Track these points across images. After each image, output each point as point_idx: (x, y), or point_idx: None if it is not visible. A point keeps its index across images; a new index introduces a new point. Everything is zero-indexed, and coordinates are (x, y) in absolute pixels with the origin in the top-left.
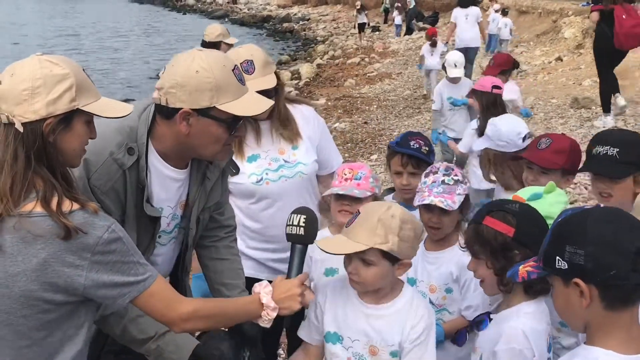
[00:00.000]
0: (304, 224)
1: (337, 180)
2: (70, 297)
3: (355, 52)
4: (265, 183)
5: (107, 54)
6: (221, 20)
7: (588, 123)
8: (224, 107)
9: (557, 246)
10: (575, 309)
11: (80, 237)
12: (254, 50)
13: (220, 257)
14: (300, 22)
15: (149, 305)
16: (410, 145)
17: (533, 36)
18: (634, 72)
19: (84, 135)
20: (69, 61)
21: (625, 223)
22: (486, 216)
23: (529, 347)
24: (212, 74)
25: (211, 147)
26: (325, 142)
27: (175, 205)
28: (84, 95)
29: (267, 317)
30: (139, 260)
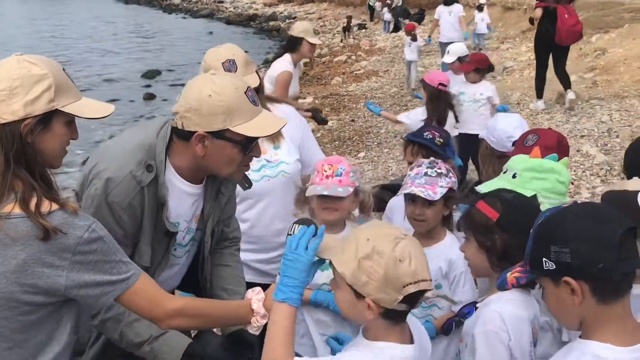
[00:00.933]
0: None
1: (317, 177)
2: (51, 298)
3: (342, 50)
4: None
5: (92, 54)
6: (207, 19)
7: (574, 118)
8: (237, 129)
9: (541, 248)
10: (568, 307)
11: (59, 237)
12: (235, 50)
13: (224, 263)
14: (286, 21)
15: (134, 302)
16: (424, 136)
17: (519, 32)
18: (619, 67)
19: (64, 136)
20: (49, 61)
21: (604, 215)
22: (480, 200)
23: (504, 329)
24: (224, 97)
25: (226, 168)
26: (307, 141)
27: (191, 219)
28: (63, 96)
29: (257, 324)
30: (122, 258)
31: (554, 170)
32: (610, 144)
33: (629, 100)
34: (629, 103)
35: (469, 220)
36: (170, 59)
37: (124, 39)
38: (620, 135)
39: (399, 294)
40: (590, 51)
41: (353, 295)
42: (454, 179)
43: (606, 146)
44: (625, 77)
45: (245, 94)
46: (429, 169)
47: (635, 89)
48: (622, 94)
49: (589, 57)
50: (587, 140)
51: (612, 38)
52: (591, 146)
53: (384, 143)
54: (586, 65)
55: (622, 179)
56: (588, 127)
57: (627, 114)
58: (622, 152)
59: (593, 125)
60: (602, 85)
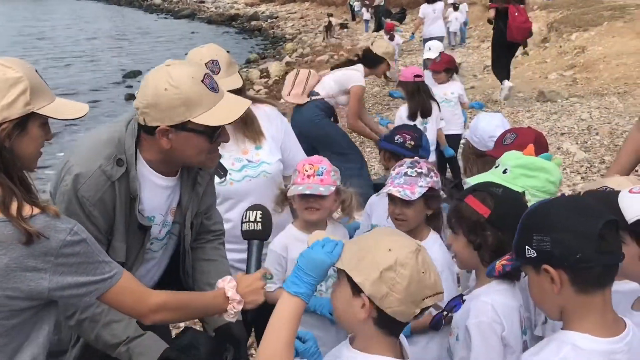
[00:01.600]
0: (261, 219)
1: (299, 177)
2: (33, 301)
3: (324, 49)
4: (229, 183)
5: (73, 55)
6: (188, 19)
7: (554, 116)
8: (198, 120)
9: (525, 236)
10: (548, 295)
11: (42, 241)
12: (218, 51)
13: (207, 257)
14: (268, 20)
15: (118, 300)
16: (394, 140)
17: None
18: (598, 65)
19: (40, 138)
20: (22, 63)
21: (587, 208)
22: (469, 194)
23: (498, 320)
24: (180, 89)
25: (196, 157)
26: (289, 141)
27: (166, 212)
28: (38, 98)
29: (233, 310)
30: (104, 259)
31: (545, 170)
32: (590, 142)
33: (609, 97)
34: (609, 100)
35: (458, 215)
36: (151, 59)
37: (105, 39)
38: (600, 133)
39: (417, 307)
40: (570, 49)
41: (350, 290)
42: (436, 179)
43: (586, 143)
44: (604, 74)
45: (203, 82)
46: (409, 169)
47: (614, 87)
48: (601, 92)
49: (569, 55)
50: (567, 138)
51: (592, 36)
52: (571, 144)
53: (366, 142)
54: (566, 63)
55: (601, 176)
56: (568, 125)
57: (606, 112)
58: (602, 149)
59: (573, 123)
60: (582, 83)
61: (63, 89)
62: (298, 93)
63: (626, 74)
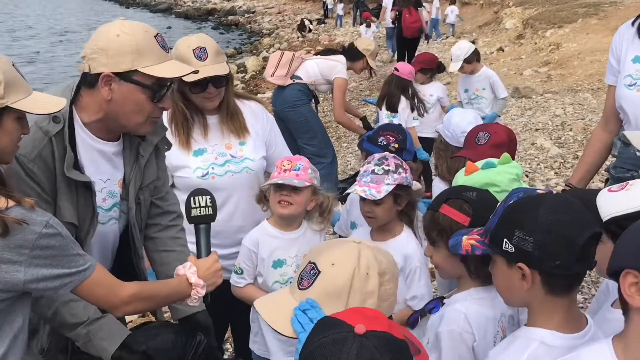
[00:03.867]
0: (211, 203)
1: (276, 171)
2: (7, 293)
3: (302, 44)
4: (211, 177)
5: (47, 49)
6: (165, 13)
7: (529, 112)
8: (146, 70)
9: (506, 229)
10: (515, 290)
11: (17, 233)
12: (206, 39)
13: (167, 248)
14: (245, 15)
15: (91, 292)
16: (378, 142)
17: (475, 27)
18: (572, 61)
19: (15, 132)
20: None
21: (576, 215)
22: (443, 204)
23: (469, 330)
24: (133, 37)
25: (134, 117)
26: (274, 139)
27: (110, 180)
28: (13, 92)
29: (197, 295)
30: (79, 252)
31: (492, 183)
32: (564, 137)
33: (582, 94)
34: (582, 97)
35: (436, 227)
36: None
37: (79, 33)
38: (574, 129)
39: None
40: (545, 46)
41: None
42: (405, 175)
43: (560, 139)
44: (578, 71)
45: (155, 38)
46: (377, 166)
47: (588, 83)
48: (575, 88)
49: (544, 51)
50: (541, 134)
51: (566, 33)
52: (545, 139)
53: (342, 137)
54: (541, 59)
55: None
56: (542, 121)
57: (580, 108)
58: (576, 145)
59: (547, 119)
60: (556, 79)
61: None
62: (282, 74)
63: (600, 70)
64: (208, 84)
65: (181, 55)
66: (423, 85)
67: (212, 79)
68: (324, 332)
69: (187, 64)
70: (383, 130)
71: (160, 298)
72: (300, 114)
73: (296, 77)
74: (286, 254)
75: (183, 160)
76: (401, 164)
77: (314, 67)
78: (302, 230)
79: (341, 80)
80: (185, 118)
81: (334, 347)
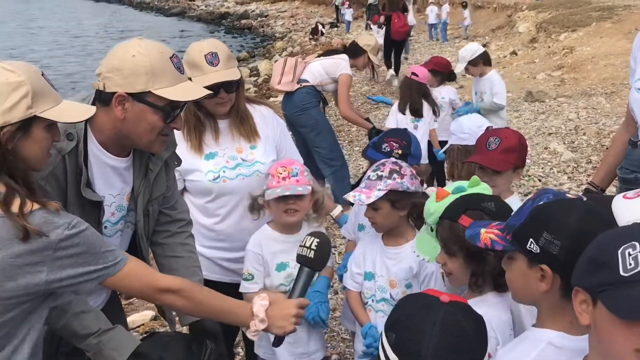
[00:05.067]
0: (315, 247)
1: (274, 180)
2: (30, 296)
3: (314, 48)
4: (223, 181)
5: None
6: (178, 17)
7: (542, 116)
8: (159, 92)
9: (534, 228)
10: (530, 289)
11: (40, 237)
12: (217, 44)
13: (175, 254)
14: (258, 19)
15: (124, 284)
16: (382, 149)
17: (488, 31)
18: (586, 65)
19: (45, 140)
20: (27, 67)
21: (604, 224)
22: (462, 214)
23: (493, 335)
24: (148, 58)
25: (146, 136)
26: (284, 143)
27: (120, 195)
28: (41, 102)
29: (254, 327)
30: (107, 248)
31: None
32: (577, 142)
33: (596, 98)
34: (596, 101)
35: (456, 239)
36: None
37: (94, 37)
38: (587, 133)
39: None
40: (558, 49)
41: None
42: (400, 180)
43: (573, 143)
44: (592, 75)
45: (171, 60)
46: (372, 172)
47: (602, 87)
48: (589, 92)
49: (557, 55)
50: (554, 138)
51: (580, 36)
52: (558, 143)
53: (355, 141)
54: (554, 63)
55: (588, 176)
56: (555, 125)
57: (594, 112)
58: (589, 149)
59: (560, 123)
60: (570, 83)
61: None
62: (288, 81)
63: (614, 74)
64: (219, 89)
65: (193, 60)
66: (435, 88)
67: (224, 84)
68: (413, 300)
69: (199, 69)
70: (387, 137)
71: (208, 307)
72: (310, 117)
73: (303, 81)
74: (289, 257)
75: (194, 164)
76: (398, 169)
77: (319, 67)
78: (304, 232)
79: (346, 76)
80: (196, 122)
81: (423, 312)
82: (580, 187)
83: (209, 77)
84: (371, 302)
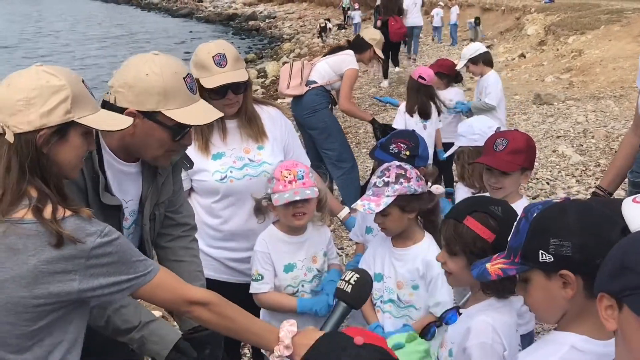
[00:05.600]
0: (354, 282)
1: (280, 184)
2: (62, 303)
3: (322, 50)
4: (230, 181)
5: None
6: (186, 18)
7: (550, 119)
8: (169, 114)
9: (539, 240)
10: (557, 301)
11: (72, 243)
12: (226, 45)
13: (177, 258)
14: (266, 20)
15: (154, 295)
16: (389, 149)
17: (497, 33)
18: (594, 68)
19: (80, 147)
20: (68, 72)
21: (602, 213)
22: (468, 216)
23: (499, 341)
24: (161, 78)
25: (152, 151)
26: (292, 144)
27: (132, 200)
28: (80, 107)
29: (279, 352)
30: (139, 257)
31: None
32: (586, 145)
33: (605, 101)
34: (605, 104)
35: (459, 239)
36: None
37: (102, 38)
38: (596, 136)
39: None
40: (567, 52)
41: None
42: (407, 184)
43: (582, 147)
44: (600, 78)
45: (184, 80)
46: (378, 179)
47: (610, 90)
48: (597, 95)
49: (566, 58)
50: (563, 141)
51: (589, 39)
52: (567, 147)
53: (362, 143)
54: (563, 66)
55: (597, 180)
56: (564, 128)
57: (602, 115)
58: (597, 152)
59: (569, 126)
60: (578, 86)
61: None
62: (297, 84)
63: (622, 77)
64: (227, 90)
65: (201, 61)
66: (441, 91)
67: (232, 86)
68: (327, 340)
69: (207, 70)
70: (395, 138)
71: (236, 326)
72: (320, 119)
73: (311, 82)
74: (295, 258)
75: (202, 164)
76: (404, 173)
77: (325, 67)
78: (309, 232)
79: (351, 70)
80: None
81: (334, 353)
82: (588, 190)
83: (216, 78)
84: (380, 303)
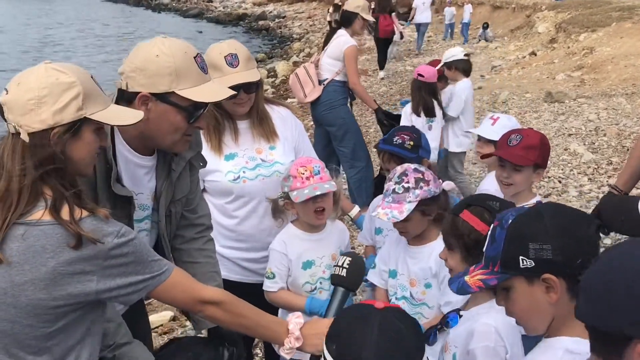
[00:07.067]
0: (347, 266)
1: (297, 182)
2: (80, 304)
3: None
4: (243, 181)
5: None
6: (197, 18)
7: (562, 117)
8: (183, 93)
9: (518, 246)
10: (541, 306)
11: (90, 244)
12: (237, 45)
13: (193, 260)
14: (276, 20)
15: (168, 295)
16: (393, 141)
17: (507, 31)
18: (606, 66)
19: (93, 143)
20: (77, 69)
21: (575, 213)
22: (465, 209)
23: (502, 344)
24: (172, 58)
25: (169, 136)
26: (302, 144)
27: (142, 194)
28: (91, 104)
29: (289, 345)
30: (154, 257)
31: None
32: (598, 143)
33: (616, 98)
34: (616, 101)
35: (455, 232)
36: None
37: (113, 38)
38: (608, 134)
39: None
40: (578, 50)
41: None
42: (427, 187)
43: (593, 145)
44: (612, 75)
45: (195, 60)
46: (397, 185)
47: (622, 88)
48: (609, 93)
49: (577, 55)
50: (574, 139)
51: (600, 37)
52: (579, 144)
53: (372, 142)
54: (574, 63)
55: (609, 178)
56: (575, 126)
57: (614, 112)
58: (609, 150)
59: (580, 124)
60: (590, 84)
61: None
62: (312, 89)
63: (634, 75)
64: (239, 90)
65: (213, 61)
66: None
67: (244, 85)
68: (350, 311)
69: (219, 70)
70: (398, 131)
71: (248, 322)
72: (339, 116)
73: (323, 81)
74: (314, 255)
75: (214, 164)
76: (422, 177)
77: (327, 60)
78: (328, 230)
79: (350, 48)
80: (216, 123)
81: (359, 322)
82: (600, 188)
83: (229, 78)
84: (394, 299)
